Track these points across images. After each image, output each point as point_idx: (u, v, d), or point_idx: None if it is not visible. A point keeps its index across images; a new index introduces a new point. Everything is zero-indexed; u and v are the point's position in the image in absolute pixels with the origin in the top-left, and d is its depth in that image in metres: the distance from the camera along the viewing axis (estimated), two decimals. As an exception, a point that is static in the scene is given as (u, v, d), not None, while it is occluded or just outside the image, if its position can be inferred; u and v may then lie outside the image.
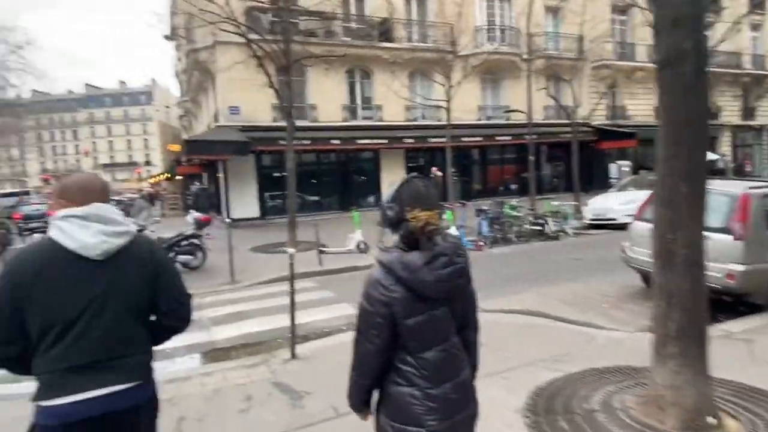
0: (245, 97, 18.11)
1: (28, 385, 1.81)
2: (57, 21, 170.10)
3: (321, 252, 11.59)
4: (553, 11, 24.47)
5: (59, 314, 1.69)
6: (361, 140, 19.08)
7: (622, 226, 12.81)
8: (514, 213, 12.84)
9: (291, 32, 12.84)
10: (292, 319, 5.05)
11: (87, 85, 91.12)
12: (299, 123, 19.16)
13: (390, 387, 1.74)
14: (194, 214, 10.70)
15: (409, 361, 1.70)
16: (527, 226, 12.75)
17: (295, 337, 5.07)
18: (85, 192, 1.79)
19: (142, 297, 1.83)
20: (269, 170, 19.36)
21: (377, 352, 1.70)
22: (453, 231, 12.30)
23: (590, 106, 20.64)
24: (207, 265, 10.36)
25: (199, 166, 25.26)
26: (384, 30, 20.10)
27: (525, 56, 23.05)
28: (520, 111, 17.64)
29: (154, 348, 1.94)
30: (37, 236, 15.87)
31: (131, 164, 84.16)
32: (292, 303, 5.06)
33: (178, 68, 34.70)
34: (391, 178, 21.05)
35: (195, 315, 2.10)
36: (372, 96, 20.90)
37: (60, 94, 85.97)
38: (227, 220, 12.26)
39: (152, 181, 50.75)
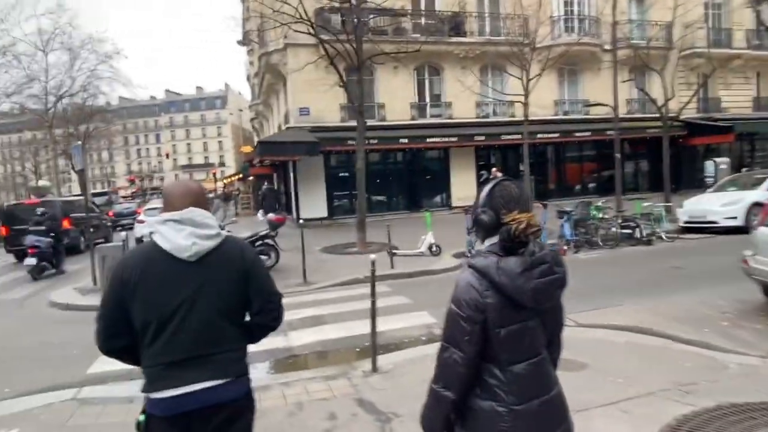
0: (314, 98, 18.22)
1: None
2: (139, 30, 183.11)
3: (392, 254, 11.27)
4: (639, -3, 22.77)
5: (156, 311, 1.81)
6: (430, 138, 18.60)
7: (727, 230, 11.57)
8: (600, 215, 11.87)
9: (362, 30, 12.61)
10: (373, 329, 4.71)
11: (167, 91, 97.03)
12: (367, 122, 19.08)
13: (472, 401, 1.62)
14: (268, 215, 10.72)
15: (496, 374, 1.59)
16: (615, 230, 11.73)
17: (376, 348, 4.74)
18: (182, 198, 1.91)
19: (233, 297, 1.90)
20: (337, 170, 19.38)
21: (467, 362, 1.58)
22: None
23: (681, 99, 18.91)
24: (279, 265, 10.34)
25: (270, 167, 25.85)
26: (455, 24, 19.50)
27: (607, 46, 21.71)
28: (603, 104, 16.40)
29: (250, 346, 2.02)
30: (123, 233, 16.61)
31: (207, 165, 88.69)
32: (373, 313, 4.72)
33: (250, 72, 35.88)
34: (462, 177, 20.51)
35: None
36: (441, 93, 20.38)
37: (144, 100, 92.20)
38: (300, 221, 12.24)
39: (226, 181, 53.03)
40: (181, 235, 1.82)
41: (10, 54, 27.10)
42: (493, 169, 16.05)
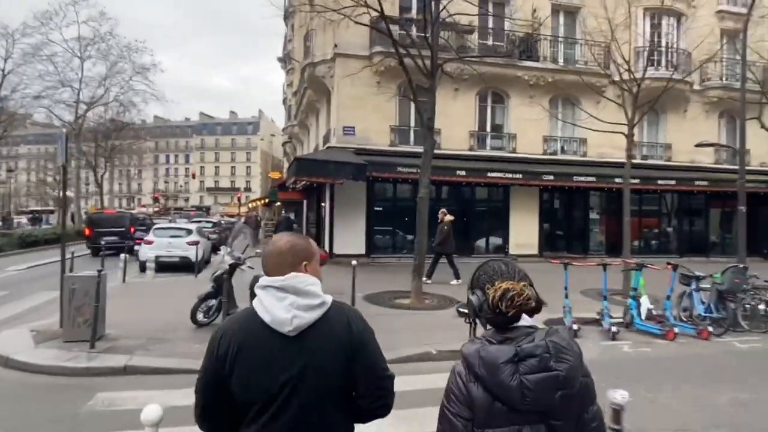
0: (361, 117, 15.99)
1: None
2: (182, 56, 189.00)
3: (460, 314, 8.44)
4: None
5: (256, 393, 1.57)
6: (491, 173, 15.93)
7: None
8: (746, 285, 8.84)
9: (438, 29, 10.26)
10: None
11: (201, 113, 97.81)
12: (418, 149, 16.59)
13: None
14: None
15: None
16: (763, 306, 8.67)
17: None
18: (284, 257, 1.67)
19: (339, 378, 1.61)
20: (381, 201, 16.80)
21: None
22: (646, 302, 8.66)
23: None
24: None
25: (302, 192, 23.55)
26: (525, 48, 17.16)
27: (696, 86, 19.09)
28: (723, 146, 13.57)
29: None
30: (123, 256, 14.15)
31: (233, 189, 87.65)
32: None
33: (288, 94, 34.31)
34: (522, 219, 17.62)
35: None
36: (505, 123, 17.85)
37: (178, 121, 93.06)
38: (359, 261, 9.61)
39: (250, 205, 51.16)
40: (282, 306, 1.58)
41: (43, 55, 25.99)
42: (441, 211, 13.17)
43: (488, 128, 17.75)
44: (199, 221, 24.23)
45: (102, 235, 18.28)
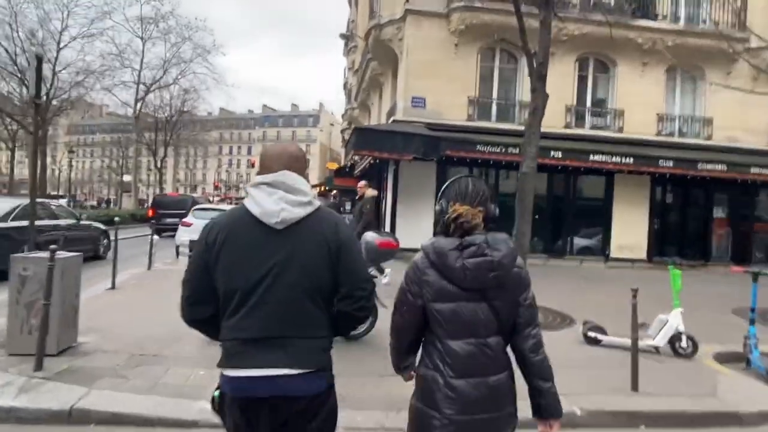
0: (433, 87, 13.44)
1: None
2: (250, 57, 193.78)
3: (591, 340, 5.84)
4: None
5: (238, 280, 1.64)
6: (594, 156, 12.90)
7: None
8: None
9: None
10: None
11: (264, 106, 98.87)
12: (501, 125, 13.86)
13: (420, 369, 1.79)
14: (368, 236, 5.64)
15: (437, 346, 1.72)
16: None
17: None
18: (278, 159, 1.75)
19: (321, 275, 1.68)
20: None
21: (406, 328, 1.80)
22: None
23: None
24: (374, 334, 5.21)
25: (358, 179, 21.35)
26: (639, 3, 13.98)
27: None
28: None
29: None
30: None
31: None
32: None
33: (348, 77, 32.33)
34: (628, 214, 14.18)
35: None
36: (610, 96, 14.69)
37: (242, 113, 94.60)
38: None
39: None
40: (272, 200, 1.65)
41: (100, 29, 25.37)
42: (362, 183, 9.81)
43: (588, 102, 14.64)
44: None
45: (164, 217, 18.91)
